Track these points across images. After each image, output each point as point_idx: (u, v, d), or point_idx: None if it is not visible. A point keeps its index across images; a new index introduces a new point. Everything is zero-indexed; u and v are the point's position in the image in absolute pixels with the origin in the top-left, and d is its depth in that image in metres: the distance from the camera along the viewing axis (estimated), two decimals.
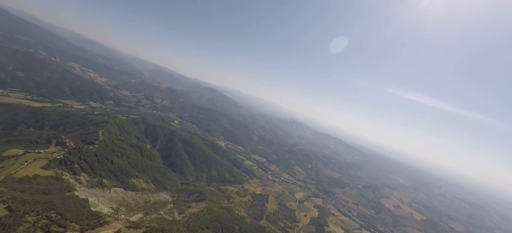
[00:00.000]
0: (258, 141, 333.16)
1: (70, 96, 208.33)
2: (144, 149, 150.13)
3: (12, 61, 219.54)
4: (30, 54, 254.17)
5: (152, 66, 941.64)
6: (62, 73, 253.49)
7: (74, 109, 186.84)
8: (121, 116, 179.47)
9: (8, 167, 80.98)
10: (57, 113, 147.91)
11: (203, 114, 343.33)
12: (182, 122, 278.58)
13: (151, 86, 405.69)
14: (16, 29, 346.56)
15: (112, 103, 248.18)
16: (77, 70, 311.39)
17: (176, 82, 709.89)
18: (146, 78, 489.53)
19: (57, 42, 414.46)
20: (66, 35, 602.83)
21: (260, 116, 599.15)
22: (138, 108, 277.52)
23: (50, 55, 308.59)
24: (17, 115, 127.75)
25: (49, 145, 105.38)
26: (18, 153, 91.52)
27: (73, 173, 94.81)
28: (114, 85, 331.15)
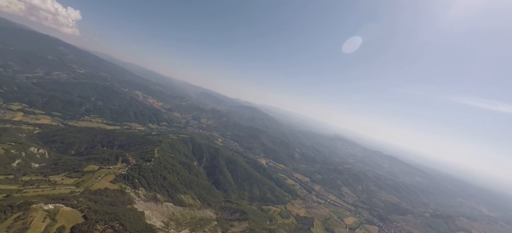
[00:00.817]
0: (300, 159, 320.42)
1: (134, 119, 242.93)
2: (191, 166, 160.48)
3: (95, 93, 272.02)
4: (107, 86, 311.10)
5: (199, 89, 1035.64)
6: (129, 100, 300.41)
7: (136, 131, 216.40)
8: (173, 135, 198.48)
9: (87, 181, 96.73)
10: (124, 134, 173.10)
11: (244, 132, 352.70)
12: (225, 140, 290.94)
13: (198, 107, 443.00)
14: (99, 67, 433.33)
15: (166, 124, 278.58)
16: (140, 97, 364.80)
17: (220, 103, 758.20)
18: (194, 101, 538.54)
19: (126, 75, 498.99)
20: (132, 69, 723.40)
21: (301, 133, 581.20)
22: (187, 128, 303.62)
23: (121, 86, 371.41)
24: (95, 137, 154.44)
25: (117, 162, 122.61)
26: (94, 169, 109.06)
27: (133, 187, 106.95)
28: (167, 108, 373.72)
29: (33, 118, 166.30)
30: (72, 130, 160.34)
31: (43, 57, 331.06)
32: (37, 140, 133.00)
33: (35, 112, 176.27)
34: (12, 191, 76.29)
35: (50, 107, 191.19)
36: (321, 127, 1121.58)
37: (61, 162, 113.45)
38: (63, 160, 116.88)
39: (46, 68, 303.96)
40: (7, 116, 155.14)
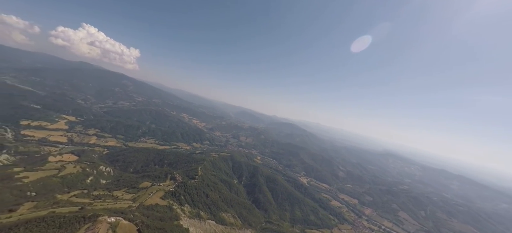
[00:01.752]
0: (345, 178, 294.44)
1: (181, 139, 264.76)
2: (231, 184, 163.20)
3: (149, 117, 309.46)
4: (159, 111, 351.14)
5: (237, 109, 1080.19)
6: (176, 122, 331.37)
7: (183, 150, 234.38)
8: (214, 154, 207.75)
9: (141, 196, 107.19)
10: (172, 153, 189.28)
11: (283, 149, 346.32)
12: (264, 158, 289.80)
13: (237, 126, 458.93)
14: (153, 94, 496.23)
15: (208, 143, 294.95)
16: (186, 119, 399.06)
17: (257, 121, 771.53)
18: (233, 120, 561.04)
19: (174, 100, 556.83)
20: (179, 94, 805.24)
21: (345, 149, 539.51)
22: (227, 146, 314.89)
23: (170, 110, 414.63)
24: (149, 156, 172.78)
25: (166, 179, 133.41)
26: (147, 185, 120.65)
27: (179, 204, 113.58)
28: (209, 128, 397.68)
29: (103, 141, 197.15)
30: (131, 150, 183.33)
31: (111, 90, 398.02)
32: (105, 160, 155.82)
33: (105, 135, 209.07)
34: (85, 204, 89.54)
35: (115, 131, 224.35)
36: (367, 142, 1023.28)
37: (122, 179, 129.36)
38: (124, 177, 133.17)
39: (114, 98, 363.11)
40: (85, 139, 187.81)
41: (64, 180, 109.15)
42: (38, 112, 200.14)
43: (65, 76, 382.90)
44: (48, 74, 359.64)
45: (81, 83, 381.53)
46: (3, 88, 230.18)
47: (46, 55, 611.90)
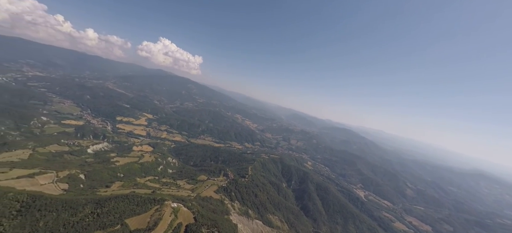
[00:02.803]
0: (414, 197, 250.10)
1: (234, 139, 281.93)
2: (280, 187, 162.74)
3: (208, 117, 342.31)
4: (216, 112, 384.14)
5: (289, 112, 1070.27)
6: (231, 122, 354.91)
7: (235, 149, 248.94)
8: (265, 155, 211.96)
9: (198, 188, 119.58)
10: (226, 151, 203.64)
11: (336, 157, 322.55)
12: (315, 164, 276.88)
13: (287, 129, 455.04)
14: (212, 96, 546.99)
15: (259, 144, 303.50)
16: (239, 119, 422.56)
17: (309, 124, 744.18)
18: (284, 122, 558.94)
19: (230, 102, 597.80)
20: (234, 96, 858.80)
21: (416, 163, 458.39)
22: (277, 148, 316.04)
23: (226, 111, 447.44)
24: (206, 152, 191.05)
25: (219, 175, 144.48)
26: (204, 179, 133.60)
27: (230, 200, 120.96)
28: (261, 129, 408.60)
29: (171, 136, 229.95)
30: (193, 146, 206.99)
31: (179, 92, 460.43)
32: (172, 152, 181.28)
33: (173, 131, 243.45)
34: (156, 188, 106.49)
35: (181, 128, 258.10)
36: (449, 158, 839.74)
37: (184, 171, 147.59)
38: (186, 169, 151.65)
39: (181, 100, 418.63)
40: (158, 134, 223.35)
41: (142, 167, 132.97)
42: (128, 110, 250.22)
43: (146, 81, 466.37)
44: (135, 80, 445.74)
45: (157, 87, 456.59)
46: (106, 91, 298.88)
47: (134, 65, 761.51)
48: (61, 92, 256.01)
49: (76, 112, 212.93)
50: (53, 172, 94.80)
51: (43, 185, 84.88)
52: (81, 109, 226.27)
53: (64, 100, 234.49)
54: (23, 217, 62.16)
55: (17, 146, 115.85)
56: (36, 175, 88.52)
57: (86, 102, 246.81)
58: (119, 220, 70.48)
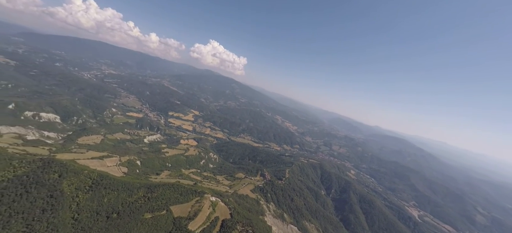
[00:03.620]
0: (487, 226, 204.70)
1: (273, 140, 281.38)
2: (318, 194, 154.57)
3: (249, 117, 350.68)
4: (257, 112, 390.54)
5: (332, 115, 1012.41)
6: (270, 123, 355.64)
7: (273, 150, 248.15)
8: (303, 159, 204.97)
9: (236, 185, 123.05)
10: (264, 152, 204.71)
11: (385, 168, 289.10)
12: (359, 174, 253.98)
13: (329, 133, 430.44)
14: (253, 97, 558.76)
15: (298, 147, 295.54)
16: (279, 121, 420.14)
17: (355, 130, 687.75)
18: (326, 126, 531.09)
19: (271, 103, 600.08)
20: (275, 97, 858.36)
21: (490, 184, 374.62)
22: (317, 153, 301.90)
23: (267, 111, 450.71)
24: (245, 151, 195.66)
25: (257, 174, 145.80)
26: (241, 176, 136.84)
27: (266, 201, 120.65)
28: (301, 132, 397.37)
29: (214, 132, 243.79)
30: (232, 144, 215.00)
31: (223, 92, 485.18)
32: (214, 148, 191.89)
33: (215, 128, 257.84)
34: (197, 181, 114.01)
35: (223, 125, 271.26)
36: None
37: (224, 167, 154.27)
38: (225, 165, 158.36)
39: (224, 99, 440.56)
40: (203, 130, 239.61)
41: (187, 159, 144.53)
42: (178, 107, 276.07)
43: (195, 80, 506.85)
44: (186, 79, 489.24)
45: (205, 86, 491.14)
46: (162, 88, 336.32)
47: (186, 66, 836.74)
48: (127, 88, 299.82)
49: (138, 106, 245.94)
50: (117, 156, 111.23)
51: (109, 166, 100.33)
52: (142, 104, 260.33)
53: (130, 95, 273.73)
54: (93, 192, 74.43)
55: (93, 132, 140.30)
56: (105, 158, 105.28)
57: (146, 98, 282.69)
58: (165, 206, 77.73)
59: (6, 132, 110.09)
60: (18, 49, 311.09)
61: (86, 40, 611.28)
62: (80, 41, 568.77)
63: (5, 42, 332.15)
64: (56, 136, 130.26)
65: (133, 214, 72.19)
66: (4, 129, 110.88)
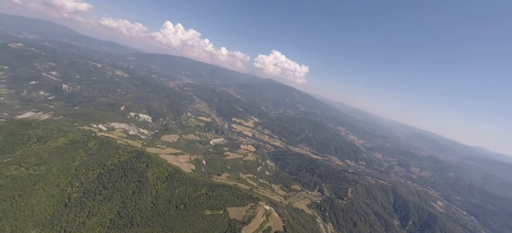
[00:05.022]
0: None
1: (334, 153, 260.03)
2: (390, 224, 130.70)
3: (308, 126, 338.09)
4: (317, 122, 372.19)
5: (410, 130, 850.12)
6: (332, 135, 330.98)
7: (334, 164, 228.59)
8: (371, 179, 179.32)
9: (291, 197, 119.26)
10: (323, 165, 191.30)
11: (493, 205, 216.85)
12: (450, 207, 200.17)
13: (407, 152, 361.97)
14: (314, 106, 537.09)
15: (364, 164, 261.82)
16: (342, 133, 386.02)
17: (444, 150, 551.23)
18: (402, 143, 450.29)
19: (333, 112, 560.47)
20: (338, 106, 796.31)
21: None
22: (389, 174, 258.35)
23: (328, 121, 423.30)
24: (303, 162, 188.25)
25: (314, 189, 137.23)
26: (297, 189, 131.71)
27: (323, 220, 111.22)
28: (368, 147, 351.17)
29: (272, 140, 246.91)
30: (290, 153, 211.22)
31: (283, 100, 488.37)
32: (271, 156, 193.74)
33: (274, 136, 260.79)
34: (253, 187, 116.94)
35: (281, 134, 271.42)
36: None
37: (280, 176, 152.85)
38: (281, 175, 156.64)
39: (284, 107, 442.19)
40: (261, 137, 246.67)
41: (245, 164, 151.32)
42: (241, 113, 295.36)
43: (257, 89, 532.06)
44: (249, 88, 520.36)
45: (265, 94, 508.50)
46: (228, 96, 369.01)
47: (250, 75, 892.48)
48: (200, 95, 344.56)
49: (207, 111, 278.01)
50: (188, 154, 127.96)
51: (181, 163, 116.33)
52: (210, 109, 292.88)
53: (202, 102, 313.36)
54: (168, 183, 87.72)
55: (172, 132, 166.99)
56: (179, 155, 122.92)
57: (214, 104, 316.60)
58: (222, 206, 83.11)
59: (117, 127, 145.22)
60: (130, 65, 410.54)
61: (173, 56, 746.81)
62: (169, 57, 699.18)
63: (122, 60, 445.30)
64: (147, 132, 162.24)
65: (196, 208, 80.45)
66: (116, 125, 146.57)
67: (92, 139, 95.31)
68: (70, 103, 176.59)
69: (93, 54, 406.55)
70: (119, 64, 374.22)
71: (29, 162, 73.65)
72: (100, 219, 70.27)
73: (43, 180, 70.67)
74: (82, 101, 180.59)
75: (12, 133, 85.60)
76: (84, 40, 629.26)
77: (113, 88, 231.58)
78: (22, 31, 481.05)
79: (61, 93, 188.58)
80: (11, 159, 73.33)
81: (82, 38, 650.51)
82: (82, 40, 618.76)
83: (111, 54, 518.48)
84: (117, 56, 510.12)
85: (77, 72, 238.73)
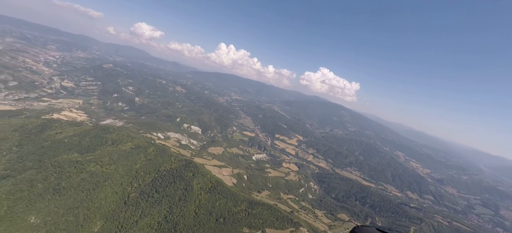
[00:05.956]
0: None
1: (391, 182, 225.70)
2: None
3: (359, 149, 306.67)
4: (370, 144, 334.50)
5: (498, 161, 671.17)
6: (388, 160, 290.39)
7: (391, 195, 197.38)
8: (441, 219, 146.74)
9: (337, 227, 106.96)
10: (377, 194, 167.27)
11: None
12: None
13: (494, 189, 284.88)
14: (365, 126, 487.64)
15: (431, 198, 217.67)
16: (401, 158, 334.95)
17: None
18: (486, 177, 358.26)
19: (389, 134, 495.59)
20: (396, 128, 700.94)
21: None
22: (468, 215, 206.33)
23: (383, 144, 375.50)
24: (352, 188, 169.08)
25: (365, 221, 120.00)
26: (344, 218, 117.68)
27: None
28: (437, 178, 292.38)
29: (316, 161, 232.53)
30: (336, 177, 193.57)
31: (330, 118, 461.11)
32: (315, 178, 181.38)
33: (318, 157, 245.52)
34: (294, 209, 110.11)
35: (327, 154, 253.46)
36: None
37: (324, 201, 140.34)
38: (326, 200, 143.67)
39: (331, 126, 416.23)
40: (305, 156, 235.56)
41: (287, 183, 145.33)
42: (284, 130, 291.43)
43: (302, 106, 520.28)
44: (294, 105, 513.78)
45: (311, 112, 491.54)
46: (272, 113, 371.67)
47: (295, 92, 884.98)
48: (246, 110, 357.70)
49: (251, 126, 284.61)
50: (231, 168, 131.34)
51: (224, 175, 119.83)
52: (255, 124, 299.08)
53: (247, 117, 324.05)
54: (210, 194, 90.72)
55: (218, 144, 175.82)
56: (222, 167, 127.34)
57: (258, 120, 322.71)
58: (261, 226, 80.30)
59: (172, 136, 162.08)
60: (188, 82, 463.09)
61: (224, 74, 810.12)
62: (221, 75, 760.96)
63: (182, 78, 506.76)
64: (197, 143, 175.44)
65: (235, 224, 79.97)
66: (172, 134, 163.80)
67: (151, 146, 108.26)
68: (139, 114, 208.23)
69: (160, 73, 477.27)
70: (179, 81, 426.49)
71: (104, 161, 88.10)
72: (150, 220, 77.16)
73: (111, 178, 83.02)
74: (148, 112, 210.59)
75: (96, 136, 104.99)
76: (155, 60, 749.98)
77: (172, 101, 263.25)
78: (113, 54, 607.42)
79: (133, 105, 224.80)
80: (92, 157, 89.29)
81: (153, 59, 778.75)
82: (154, 61, 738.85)
83: (174, 72, 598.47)
84: (179, 74, 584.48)
85: (147, 87, 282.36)
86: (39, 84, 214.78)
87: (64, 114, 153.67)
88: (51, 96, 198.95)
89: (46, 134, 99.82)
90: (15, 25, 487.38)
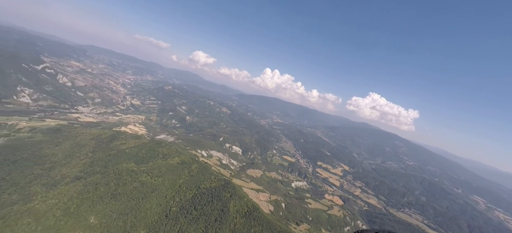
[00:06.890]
0: None
1: None
2: None
3: (419, 187, 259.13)
4: (434, 182, 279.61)
5: None
6: (462, 205, 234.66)
7: None
8: None
9: None
10: None
11: None
12: None
13: None
14: (428, 160, 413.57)
15: None
16: (480, 205, 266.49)
17: None
18: None
19: (462, 173, 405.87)
20: (472, 166, 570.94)
21: None
22: None
23: (453, 185, 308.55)
24: None
25: None
26: None
27: None
28: None
29: (365, 196, 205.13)
30: (391, 218, 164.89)
31: (382, 149, 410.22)
32: (363, 216, 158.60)
33: (368, 191, 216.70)
34: None
35: (378, 190, 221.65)
36: None
37: None
38: None
39: (383, 157, 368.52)
40: (352, 189, 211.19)
41: (329, 219, 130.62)
42: (328, 158, 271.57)
43: (349, 133, 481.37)
44: (339, 131, 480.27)
45: (359, 140, 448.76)
46: (315, 138, 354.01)
47: (341, 118, 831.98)
48: (287, 134, 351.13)
49: (292, 151, 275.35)
50: (268, 193, 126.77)
51: (261, 200, 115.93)
52: (295, 150, 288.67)
53: (288, 141, 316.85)
54: (246, 219, 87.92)
55: (257, 167, 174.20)
56: (260, 192, 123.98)
57: (300, 145, 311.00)
58: None
59: (214, 155, 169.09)
60: (233, 104, 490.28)
61: (268, 97, 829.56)
62: (264, 98, 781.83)
63: (228, 100, 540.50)
64: (236, 164, 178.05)
65: None
66: (214, 153, 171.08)
67: (195, 163, 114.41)
68: (188, 131, 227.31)
69: (209, 94, 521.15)
70: (225, 102, 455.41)
71: (153, 173, 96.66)
72: None
73: (158, 190, 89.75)
74: (196, 130, 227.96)
75: (150, 149, 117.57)
76: (206, 84, 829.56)
77: (217, 121, 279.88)
78: (173, 78, 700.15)
79: (184, 122, 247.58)
80: (145, 168, 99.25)
81: (205, 82, 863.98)
82: (205, 84, 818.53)
83: (222, 94, 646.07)
84: (225, 96, 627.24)
85: (197, 107, 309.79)
86: (115, 101, 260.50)
87: (130, 127, 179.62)
88: (122, 111, 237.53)
89: (114, 144, 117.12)
90: (107, 54, 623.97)
